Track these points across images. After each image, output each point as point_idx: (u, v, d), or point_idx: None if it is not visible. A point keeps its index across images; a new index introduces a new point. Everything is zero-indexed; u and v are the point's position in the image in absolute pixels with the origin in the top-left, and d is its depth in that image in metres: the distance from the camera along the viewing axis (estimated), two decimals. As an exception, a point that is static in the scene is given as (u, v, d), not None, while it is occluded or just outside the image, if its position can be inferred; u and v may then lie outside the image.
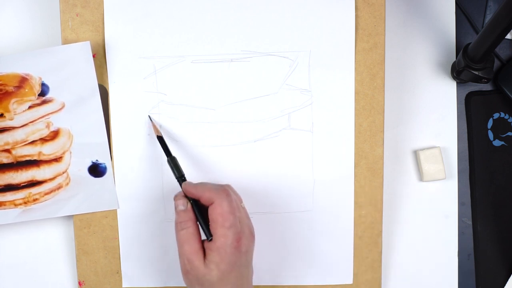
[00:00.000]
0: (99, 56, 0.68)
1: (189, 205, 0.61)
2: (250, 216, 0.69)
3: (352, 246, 0.70)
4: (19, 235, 0.72)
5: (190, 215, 0.60)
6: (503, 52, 0.74)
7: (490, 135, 0.73)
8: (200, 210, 0.61)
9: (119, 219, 0.69)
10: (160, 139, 0.66)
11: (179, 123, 0.68)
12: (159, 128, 0.68)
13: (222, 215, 0.58)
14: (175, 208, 0.61)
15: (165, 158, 0.65)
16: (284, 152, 0.69)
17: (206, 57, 0.68)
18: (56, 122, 0.68)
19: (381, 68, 0.68)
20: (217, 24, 0.67)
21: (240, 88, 0.68)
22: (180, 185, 0.63)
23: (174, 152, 0.66)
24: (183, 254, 0.59)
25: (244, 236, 0.59)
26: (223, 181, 0.68)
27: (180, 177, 0.64)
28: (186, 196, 0.62)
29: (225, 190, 0.59)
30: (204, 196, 0.59)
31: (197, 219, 0.60)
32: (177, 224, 0.60)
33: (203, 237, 0.60)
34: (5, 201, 0.69)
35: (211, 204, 0.59)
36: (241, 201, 0.63)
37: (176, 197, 0.62)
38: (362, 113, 0.68)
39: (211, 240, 0.59)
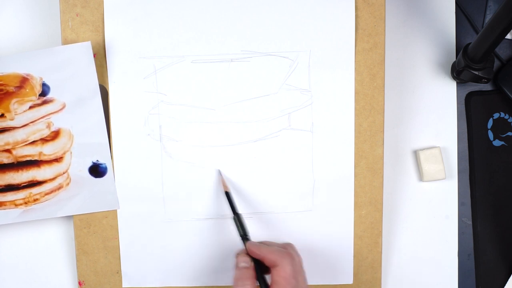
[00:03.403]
0: (99, 56, 0.68)
1: (252, 263, 0.61)
2: (250, 216, 0.69)
3: (352, 246, 0.70)
4: (19, 235, 0.72)
5: (251, 273, 0.60)
6: (503, 52, 0.74)
7: (490, 135, 0.73)
8: (260, 270, 0.61)
9: (119, 219, 0.69)
10: (228, 195, 0.66)
11: (179, 123, 0.68)
12: (227, 184, 0.68)
13: (285, 278, 0.58)
14: (236, 264, 0.61)
15: (165, 159, 0.65)
16: (284, 152, 0.69)
17: (206, 57, 0.68)
18: (57, 122, 0.68)
19: (381, 68, 0.68)
20: (217, 24, 0.67)
21: (240, 88, 0.68)
22: (244, 243, 0.63)
23: (174, 153, 0.66)
24: None
25: None
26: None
27: (245, 235, 0.64)
28: (248, 254, 0.62)
29: (289, 254, 0.60)
30: (268, 258, 0.60)
31: (257, 278, 0.61)
32: (237, 279, 0.60)
33: None
34: (6, 201, 0.69)
35: (275, 266, 0.59)
36: (301, 263, 0.63)
37: (238, 254, 0.62)
38: (362, 113, 0.68)
39: None
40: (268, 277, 0.61)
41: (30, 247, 0.72)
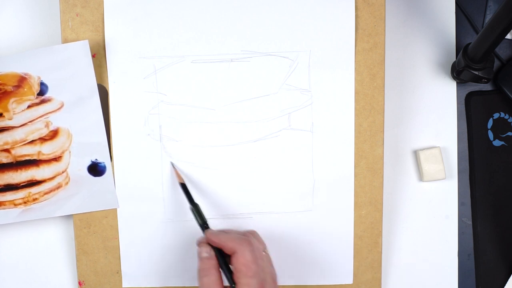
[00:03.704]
0: (99, 56, 0.68)
1: (212, 252, 0.61)
2: (250, 216, 0.69)
3: (352, 246, 0.70)
4: (19, 235, 0.72)
5: (213, 262, 0.61)
6: (503, 52, 0.74)
7: (490, 135, 0.73)
8: (223, 258, 0.61)
9: (119, 219, 0.69)
10: (183, 186, 0.66)
11: (179, 123, 0.68)
12: (181, 175, 0.68)
13: (245, 264, 0.59)
14: (198, 254, 0.62)
15: (165, 159, 0.65)
16: (284, 152, 0.69)
17: (206, 57, 0.68)
18: (55, 121, 0.67)
19: (381, 68, 0.68)
20: (217, 24, 0.67)
21: (240, 88, 0.68)
22: (203, 232, 0.63)
23: (174, 153, 0.66)
24: None
25: (267, 284, 0.59)
26: (224, 181, 0.69)
27: (203, 224, 0.64)
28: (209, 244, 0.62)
29: (246, 240, 0.60)
30: (227, 246, 0.60)
31: (220, 267, 0.61)
32: (200, 270, 0.61)
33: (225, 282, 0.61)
34: (5, 201, 0.69)
35: (234, 253, 0.60)
36: (264, 248, 0.63)
37: (199, 243, 0.63)
38: (362, 113, 0.68)
39: None
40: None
41: (30, 247, 0.72)
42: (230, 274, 0.60)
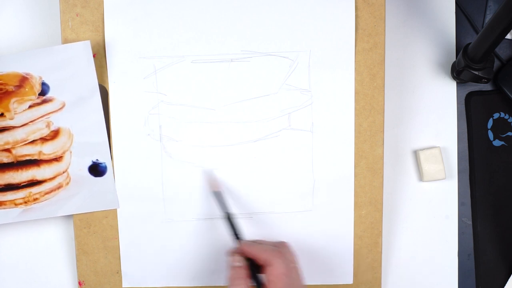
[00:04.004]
0: (99, 56, 0.68)
1: (244, 262, 0.62)
2: (250, 216, 0.69)
3: (352, 246, 0.70)
4: (19, 234, 0.72)
5: (244, 272, 0.61)
6: (503, 52, 0.73)
7: (490, 135, 0.73)
8: (253, 268, 0.62)
9: (119, 219, 0.69)
10: (218, 195, 0.67)
11: (179, 123, 0.68)
12: (215, 184, 0.68)
13: (278, 277, 0.59)
14: (230, 263, 0.62)
15: (165, 159, 0.65)
16: (284, 152, 0.69)
17: (206, 57, 0.68)
18: (56, 121, 0.68)
19: (381, 68, 0.68)
20: (217, 24, 0.67)
21: (240, 88, 0.68)
22: (237, 243, 0.64)
23: (174, 153, 0.66)
24: None
25: None
26: (224, 181, 0.69)
27: (237, 234, 0.64)
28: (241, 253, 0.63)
29: (280, 252, 0.61)
30: (261, 257, 0.61)
31: (251, 277, 0.61)
32: (231, 280, 0.61)
33: None
34: (5, 201, 0.69)
35: (267, 265, 0.60)
36: (295, 260, 0.64)
37: (231, 253, 0.63)
38: (362, 113, 0.68)
39: None
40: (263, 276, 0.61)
41: (30, 247, 0.72)
42: (259, 285, 0.61)
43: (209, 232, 0.70)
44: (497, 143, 0.73)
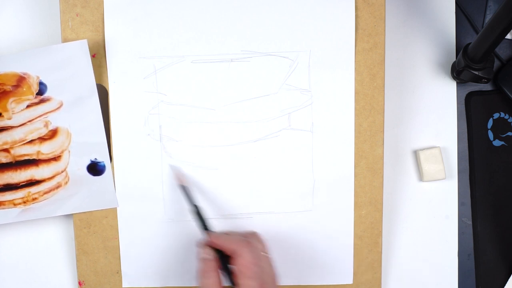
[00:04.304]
0: (99, 56, 0.68)
1: (212, 254, 0.62)
2: (250, 216, 0.69)
3: (352, 246, 0.70)
4: (19, 235, 0.72)
5: (213, 264, 0.61)
6: (503, 52, 0.74)
7: (490, 135, 0.73)
8: (223, 259, 0.62)
9: (119, 219, 0.69)
10: (183, 188, 0.67)
11: (179, 123, 0.68)
12: (182, 177, 0.68)
13: (245, 266, 0.59)
14: (198, 255, 0.62)
15: (165, 159, 0.65)
16: (284, 152, 0.69)
17: (206, 57, 0.68)
18: (54, 121, 0.67)
19: (381, 68, 0.68)
20: (217, 24, 0.67)
21: (240, 88, 0.68)
22: (204, 234, 0.64)
23: (174, 153, 0.66)
24: None
25: (267, 286, 0.60)
26: (224, 181, 0.69)
27: (204, 226, 0.65)
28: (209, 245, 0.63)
29: (247, 241, 0.61)
30: (228, 248, 0.61)
31: (221, 269, 0.61)
32: (200, 272, 0.61)
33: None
34: (4, 201, 0.69)
35: (235, 255, 0.60)
36: (265, 249, 0.64)
37: (200, 245, 0.63)
38: (362, 113, 0.68)
39: None
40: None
41: (29, 247, 0.72)
42: (230, 275, 0.61)
43: (209, 232, 0.70)
44: (497, 143, 0.73)
